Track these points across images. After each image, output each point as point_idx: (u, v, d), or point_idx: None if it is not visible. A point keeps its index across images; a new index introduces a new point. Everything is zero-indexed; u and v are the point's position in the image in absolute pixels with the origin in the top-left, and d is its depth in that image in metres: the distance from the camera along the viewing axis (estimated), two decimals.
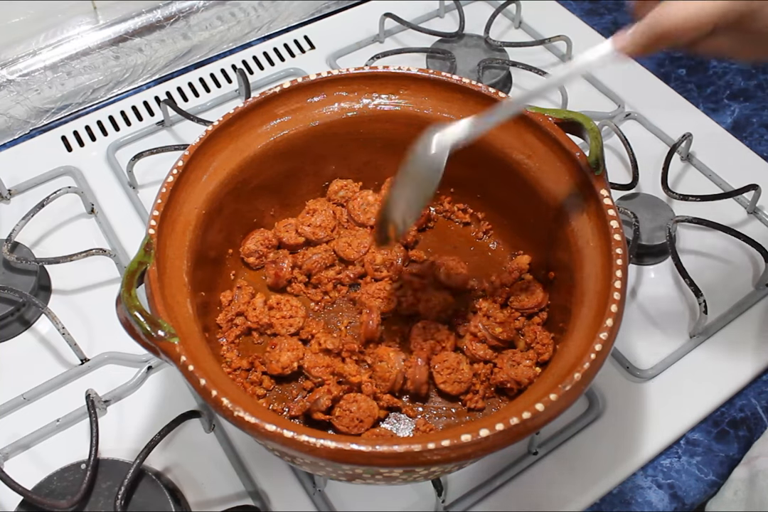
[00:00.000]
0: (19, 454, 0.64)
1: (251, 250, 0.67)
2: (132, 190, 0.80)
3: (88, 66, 0.89)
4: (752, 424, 0.67)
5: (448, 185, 0.72)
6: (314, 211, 0.69)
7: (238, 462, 0.63)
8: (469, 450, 0.46)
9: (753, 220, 0.79)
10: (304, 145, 0.66)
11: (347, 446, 0.45)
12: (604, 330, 0.50)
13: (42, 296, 0.72)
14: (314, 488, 0.61)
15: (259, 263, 0.68)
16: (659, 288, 0.74)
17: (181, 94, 0.89)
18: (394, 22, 0.93)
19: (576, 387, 0.48)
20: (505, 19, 0.97)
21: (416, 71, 0.65)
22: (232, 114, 0.62)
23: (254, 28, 0.96)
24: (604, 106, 0.87)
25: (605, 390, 0.67)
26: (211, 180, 0.61)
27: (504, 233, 0.71)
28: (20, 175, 0.81)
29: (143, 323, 0.49)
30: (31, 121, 0.87)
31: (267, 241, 0.68)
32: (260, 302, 0.65)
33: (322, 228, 0.69)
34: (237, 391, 0.50)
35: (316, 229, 0.68)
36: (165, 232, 0.56)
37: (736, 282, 0.74)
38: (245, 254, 0.68)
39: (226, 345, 0.64)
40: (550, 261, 0.64)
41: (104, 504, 0.58)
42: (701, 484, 0.64)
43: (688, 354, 0.69)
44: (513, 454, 0.63)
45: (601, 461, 0.64)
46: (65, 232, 0.78)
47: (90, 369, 0.68)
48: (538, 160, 0.62)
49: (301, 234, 0.69)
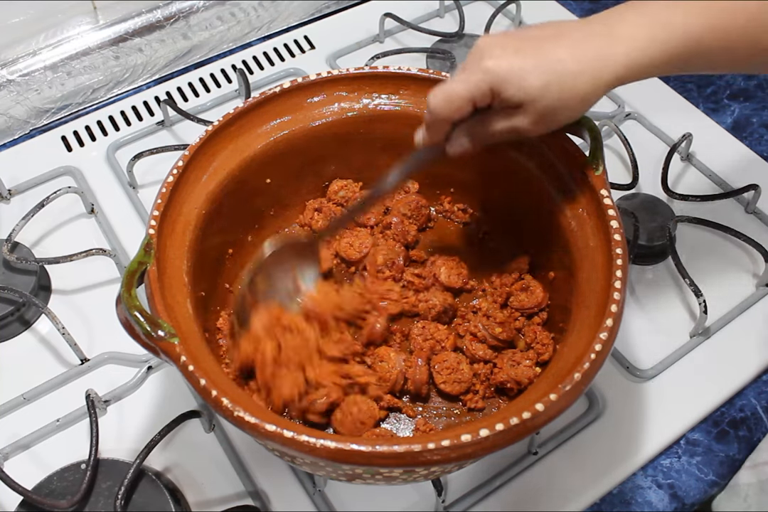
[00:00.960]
0: (19, 454, 0.64)
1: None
2: (132, 190, 0.80)
3: (88, 66, 0.89)
4: (752, 424, 0.67)
5: (448, 185, 0.72)
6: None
7: (238, 462, 0.63)
8: (469, 450, 0.46)
9: (753, 220, 0.79)
10: (304, 145, 0.66)
11: (347, 446, 0.45)
12: (604, 330, 0.50)
13: (42, 296, 0.72)
14: (314, 488, 0.61)
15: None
16: (659, 288, 0.74)
17: (181, 94, 0.89)
18: (394, 22, 0.93)
19: (576, 387, 0.48)
20: (505, 19, 0.97)
21: (416, 71, 0.65)
22: (232, 114, 0.62)
23: (254, 28, 0.96)
24: (604, 106, 0.87)
25: (605, 390, 0.67)
26: (211, 180, 0.61)
27: (504, 233, 0.71)
28: (20, 175, 0.81)
29: (143, 323, 0.49)
30: (31, 121, 0.87)
31: None
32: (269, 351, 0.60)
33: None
34: (237, 391, 0.50)
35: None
36: (165, 232, 0.56)
37: (736, 283, 0.74)
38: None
39: (226, 346, 0.64)
40: (550, 262, 0.64)
41: (104, 504, 0.58)
42: (701, 484, 0.64)
43: (688, 354, 0.69)
44: (513, 454, 0.63)
45: (601, 461, 0.64)
46: (65, 232, 0.78)
47: (90, 369, 0.68)
48: (537, 160, 0.62)
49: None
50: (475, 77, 0.49)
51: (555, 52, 0.48)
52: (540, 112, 0.50)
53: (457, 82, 0.50)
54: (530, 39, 0.50)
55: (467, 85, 0.50)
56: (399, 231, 0.69)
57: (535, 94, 0.48)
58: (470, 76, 0.50)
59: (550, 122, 0.51)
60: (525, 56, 0.48)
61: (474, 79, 0.49)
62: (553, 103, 0.49)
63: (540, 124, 0.51)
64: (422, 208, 0.71)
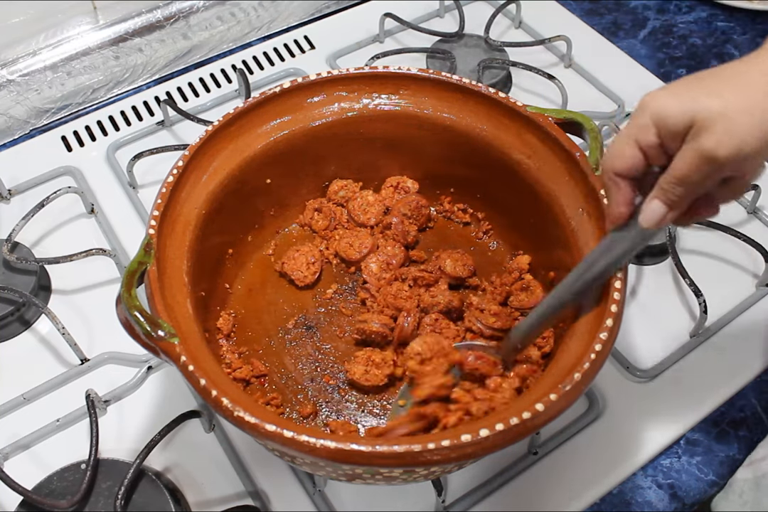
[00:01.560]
0: (19, 454, 0.64)
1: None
2: (132, 190, 0.80)
3: (88, 66, 0.89)
4: (752, 424, 0.67)
5: (448, 185, 0.72)
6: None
7: (238, 462, 0.63)
8: (469, 450, 0.46)
9: (753, 220, 0.79)
10: (304, 145, 0.66)
11: (347, 446, 0.45)
12: (604, 330, 0.50)
13: (42, 296, 0.72)
14: (314, 488, 0.61)
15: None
16: (659, 288, 0.74)
17: (181, 94, 0.89)
18: (394, 22, 0.93)
19: (576, 387, 0.48)
20: (505, 19, 0.97)
21: (416, 71, 0.65)
22: (232, 114, 0.62)
23: (254, 28, 0.96)
24: (604, 106, 0.87)
25: (605, 390, 0.67)
26: (211, 180, 0.61)
27: (504, 233, 0.71)
28: (20, 175, 0.81)
29: (143, 323, 0.49)
30: (31, 121, 0.87)
31: None
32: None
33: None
34: (237, 391, 0.50)
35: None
36: (165, 232, 0.56)
37: (736, 282, 0.74)
38: None
39: (226, 346, 0.64)
40: (550, 261, 0.64)
41: (104, 504, 0.58)
42: (701, 484, 0.64)
43: (688, 354, 0.69)
44: (513, 454, 0.63)
45: (601, 461, 0.64)
46: (65, 232, 0.78)
47: (90, 369, 0.68)
48: (538, 160, 0.62)
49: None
50: (635, 119, 0.46)
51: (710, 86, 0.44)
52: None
53: (620, 134, 0.48)
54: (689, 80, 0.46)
55: (628, 129, 0.47)
56: (399, 231, 0.69)
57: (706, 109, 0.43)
58: (631, 121, 0.47)
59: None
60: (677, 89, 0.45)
61: (634, 120, 0.46)
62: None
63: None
64: (422, 208, 0.71)
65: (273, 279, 0.69)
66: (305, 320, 0.67)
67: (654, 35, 0.98)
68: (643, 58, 0.94)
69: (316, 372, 0.64)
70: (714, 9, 1.01)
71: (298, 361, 0.65)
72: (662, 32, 0.98)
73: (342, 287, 0.69)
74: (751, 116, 0.41)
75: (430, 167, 0.71)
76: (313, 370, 0.64)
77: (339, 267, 0.70)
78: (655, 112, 0.45)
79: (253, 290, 0.68)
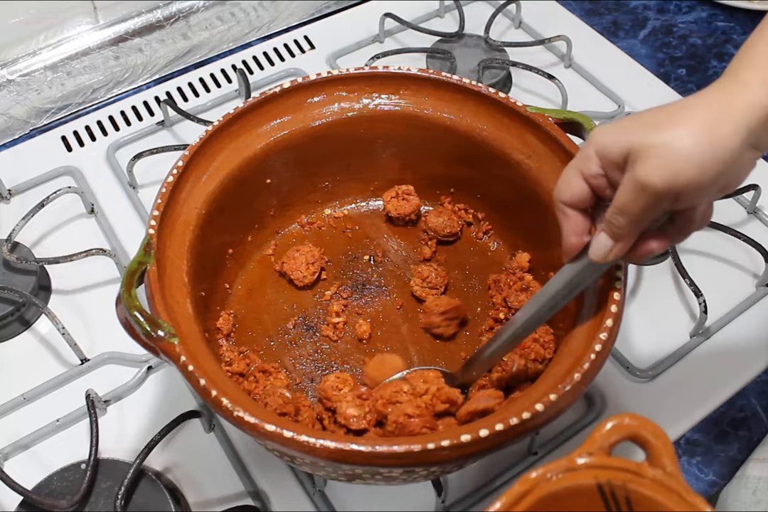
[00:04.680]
0: (19, 454, 0.64)
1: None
2: (132, 190, 0.80)
3: (88, 66, 0.89)
4: (752, 424, 0.67)
5: (448, 185, 0.72)
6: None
7: (238, 462, 0.63)
8: (469, 450, 0.46)
9: (753, 220, 0.79)
10: (304, 145, 0.66)
11: (347, 446, 0.45)
12: (604, 330, 0.50)
13: (42, 296, 0.72)
14: (314, 488, 0.61)
15: None
16: (659, 288, 0.74)
17: (181, 94, 0.89)
18: (394, 22, 0.93)
19: (576, 387, 0.48)
20: (505, 19, 0.97)
21: (416, 71, 0.65)
22: (232, 114, 0.62)
23: (254, 28, 0.96)
24: (604, 106, 0.87)
25: (605, 390, 0.67)
26: (211, 180, 0.61)
27: (504, 233, 0.71)
28: (20, 175, 0.81)
29: (143, 323, 0.49)
30: (31, 121, 0.87)
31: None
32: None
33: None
34: (237, 391, 0.50)
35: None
36: (165, 232, 0.56)
37: (736, 282, 0.74)
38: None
39: (226, 346, 0.64)
40: (550, 261, 0.64)
41: (104, 504, 0.58)
42: (701, 484, 0.64)
43: (688, 354, 0.69)
44: (513, 454, 0.63)
45: None
46: (65, 232, 0.78)
47: (90, 369, 0.68)
48: (538, 160, 0.62)
49: None
50: (581, 151, 0.48)
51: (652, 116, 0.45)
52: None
53: (568, 165, 0.49)
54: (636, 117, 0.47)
55: (574, 160, 0.48)
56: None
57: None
58: (578, 153, 0.48)
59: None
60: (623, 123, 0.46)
61: (580, 153, 0.48)
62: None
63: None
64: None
65: (273, 279, 0.69)
66: (305, 320, 0.67)
67: (654, 35, 0.98)
68: (643, 58, 0.94)
69: (316, 373, 0.64)
70: (714, 9, 1.01)
71: (298, 361, 0.65)
72: (662, 32, 0.98)
73: (342, 287, 0.69)
74: (690, 147, 0.41)
75: (430, 167, 0.71)
76: (313, 370, 0.64)
77: (339, 268, 0.70)
78: (598, 143, 0.46)
79: (253, 290, 0.68)
